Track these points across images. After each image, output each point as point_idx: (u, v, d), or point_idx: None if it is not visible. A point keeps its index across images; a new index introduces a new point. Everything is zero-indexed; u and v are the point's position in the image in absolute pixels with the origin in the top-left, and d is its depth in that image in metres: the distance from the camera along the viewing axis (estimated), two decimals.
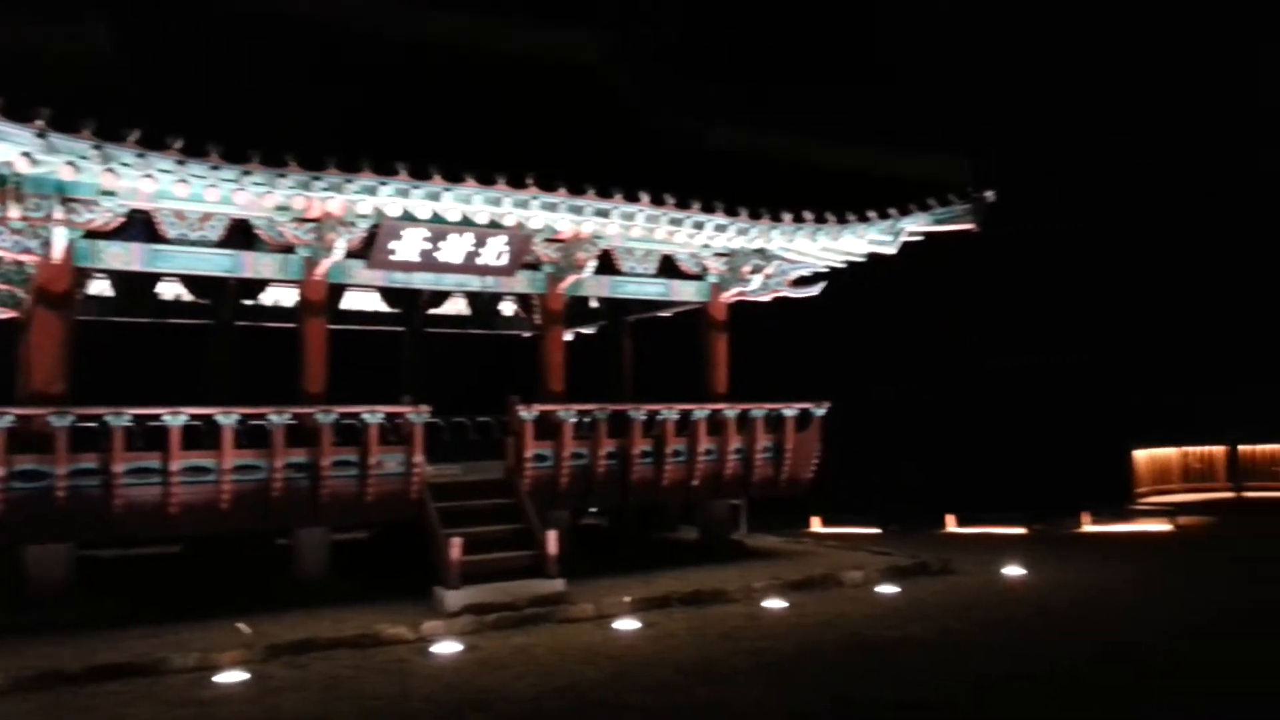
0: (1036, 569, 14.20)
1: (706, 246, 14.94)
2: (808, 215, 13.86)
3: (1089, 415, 28.79)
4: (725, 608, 11.82)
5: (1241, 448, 24.56)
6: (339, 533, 12.78)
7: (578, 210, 12.71)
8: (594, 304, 17.91)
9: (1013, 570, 14.06)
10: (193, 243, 11.91)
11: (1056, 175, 32.19)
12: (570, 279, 14.07)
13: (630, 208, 12.85)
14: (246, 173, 10.64)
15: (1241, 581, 13.42)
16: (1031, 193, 28.23)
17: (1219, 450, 24.88)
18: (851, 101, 29.61)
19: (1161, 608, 11.76)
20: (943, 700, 8.12)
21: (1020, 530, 18.84)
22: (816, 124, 17.00)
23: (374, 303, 17.98)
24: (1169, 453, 24.97)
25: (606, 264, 14.66)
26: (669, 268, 15.33)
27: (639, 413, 14.07)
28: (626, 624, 10.89)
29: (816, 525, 19.62)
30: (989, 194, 14.45)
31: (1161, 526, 19.21)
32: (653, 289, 15.26)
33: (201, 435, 11.85)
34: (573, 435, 13.63)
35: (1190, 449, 25.10)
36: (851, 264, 16.27)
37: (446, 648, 9.92)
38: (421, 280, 13.63)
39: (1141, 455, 24.21)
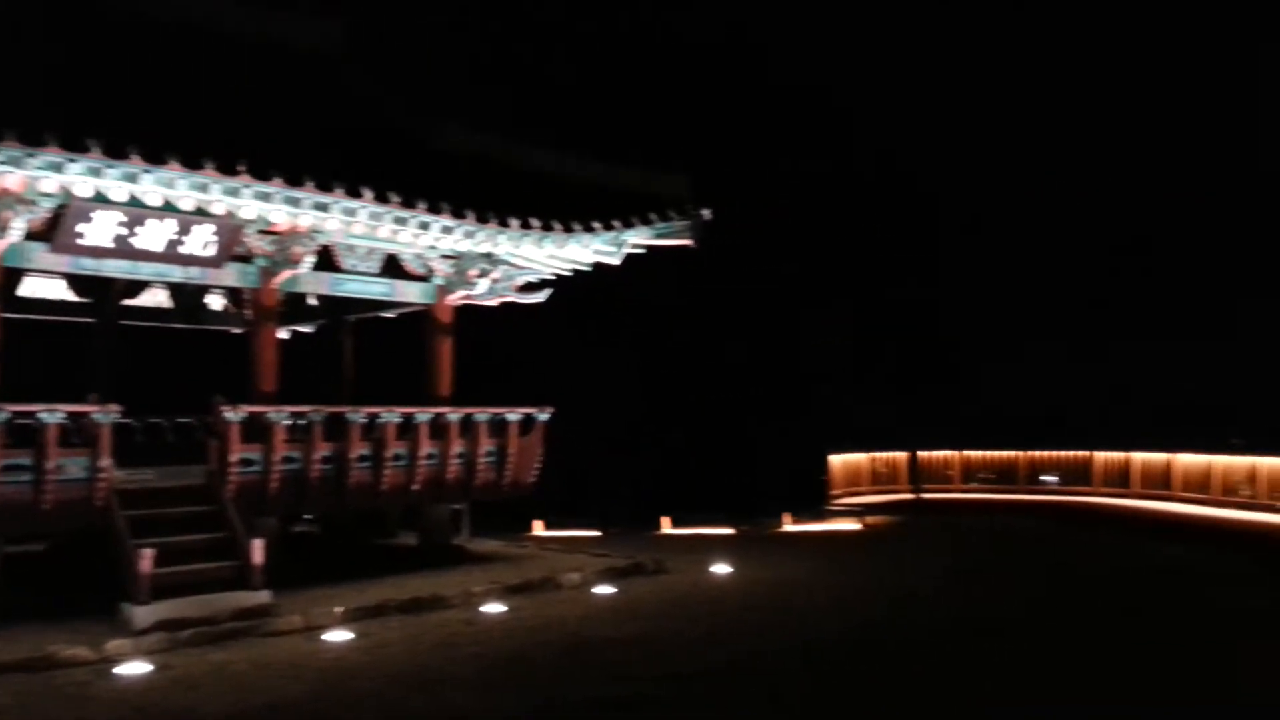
0: (742, 566, 15.04)
1: (433, 248, 14.71)
2: (535, 222, 13.97)
3: (790, 423, 30.83)
4: (443, 614, 11.65)
5: (921, 454, 27.22)
6: (12, 544, 11.46)
7: (295, 202, 12.12)
8: (313, 301, 17.14)
9: (720, 568, 14.81)
10: None
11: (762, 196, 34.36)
12: (286, 274, 13.39)
13: (352, 203, 12.41)
14: None
15: (914, 572, 14.88)
16: (745, 210, 30.04)
17: (902, 456, 27.46)
18: (584, 115, 30.27)
19: (847, 599, 12.81)
20: (655, 694, 8.41)
21: (729, 531, 19.88)
22: (550, 135, 17.23)
23: (60, 290, 16.32)
24: (860, 458, 27.26)
25: (326, 260, 14.08)
26: (394, 267, 14.95)
27: (358, 415, 13.61)
28: (338, 635, 10.48)
29: (539, 529, 19.78)
30: (706, 212, 15.16)
31: (852, 525, 20.89)
32: (376, 289, 14.82)
33: None
34: (285, 438, 12.97)
35: (878, 455, 27.55)
36: (578, 272, 16.56)
37: (134, 668, 9.13)
38: (115, 268, 12.49)
39: (836, 460, 26.26)
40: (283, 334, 15.90)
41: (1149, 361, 34.10)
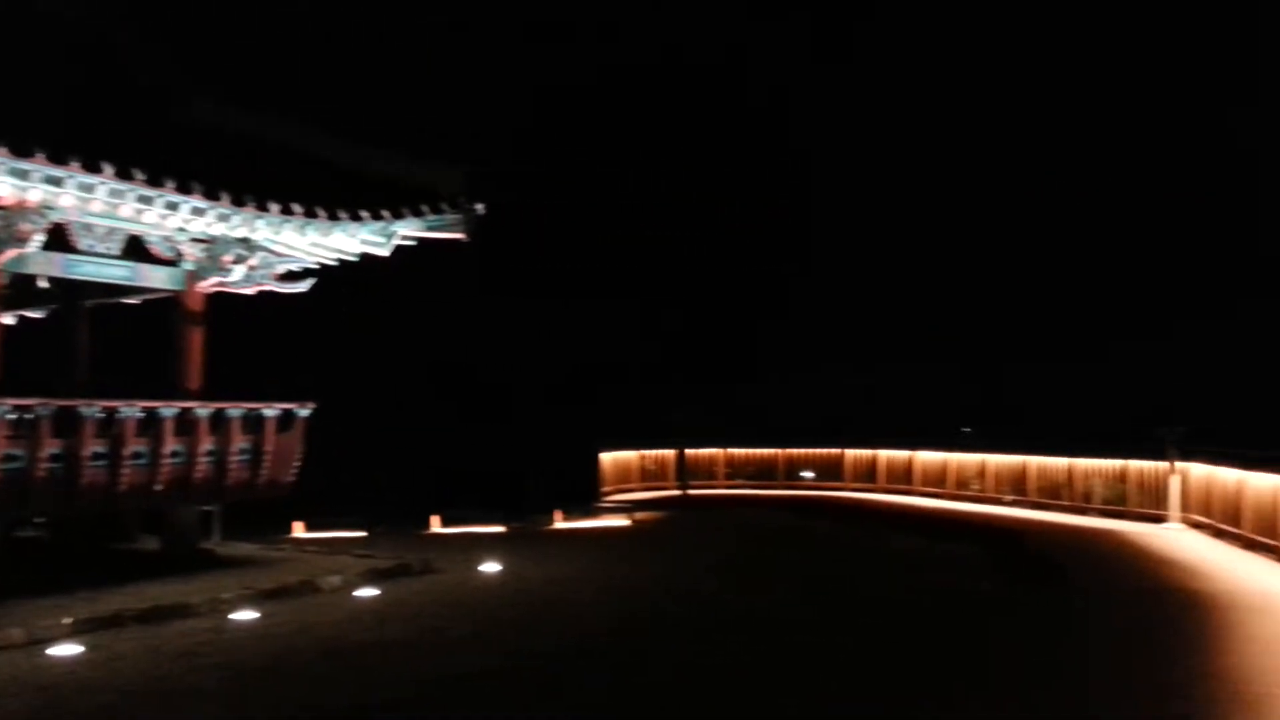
0: (512, 564, 14.92)
1: (182, 230, 13.70)
2: (297, 208, 13.30)
3: (562, 420, 31.01)
4: (188, 623, 10.86)
5: (688, 451, 28.00)
6: None
7: (22, 175, 10.97)
8: (43, 284, 15.57)
9: (490, 567, 14.64)
10: None
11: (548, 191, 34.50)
12: (11, 253, 12.08)
13: (90, 178, 11.37)
14: None
15: (680, 567, 15.28)
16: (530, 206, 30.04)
17: (670, 454, 28.16)
18: (358, 103, 29.22)
19: (615, 594, 12.98)
20: (416, 697, 8.17)
21: (500, 529, 19.70)
22: (320, 118, 16.41)
23: None
24: (630, 455, 27.73)
25: (60, 240, 12.83)
26: (138, 250, 13.82)
27: (93, 409, 12.49)
28: (66, 649, 9.56)
29: (299, 530, 18.87)
30: (479, 206, 14.92)
31: (622, 521, 21.20)
32: (116, 272, 13.64)
33: None
34: (7, 434, 11.72)
35: (647, 452, 28.13)
36: (345, 262, 15.90)
37: None
38: None
39: (607, 458, 26.60)
40: (7, 319, 14.40)
41: (904, 376, 37.71)
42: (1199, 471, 18.42)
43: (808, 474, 28.35)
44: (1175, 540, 17.28)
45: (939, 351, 38.16)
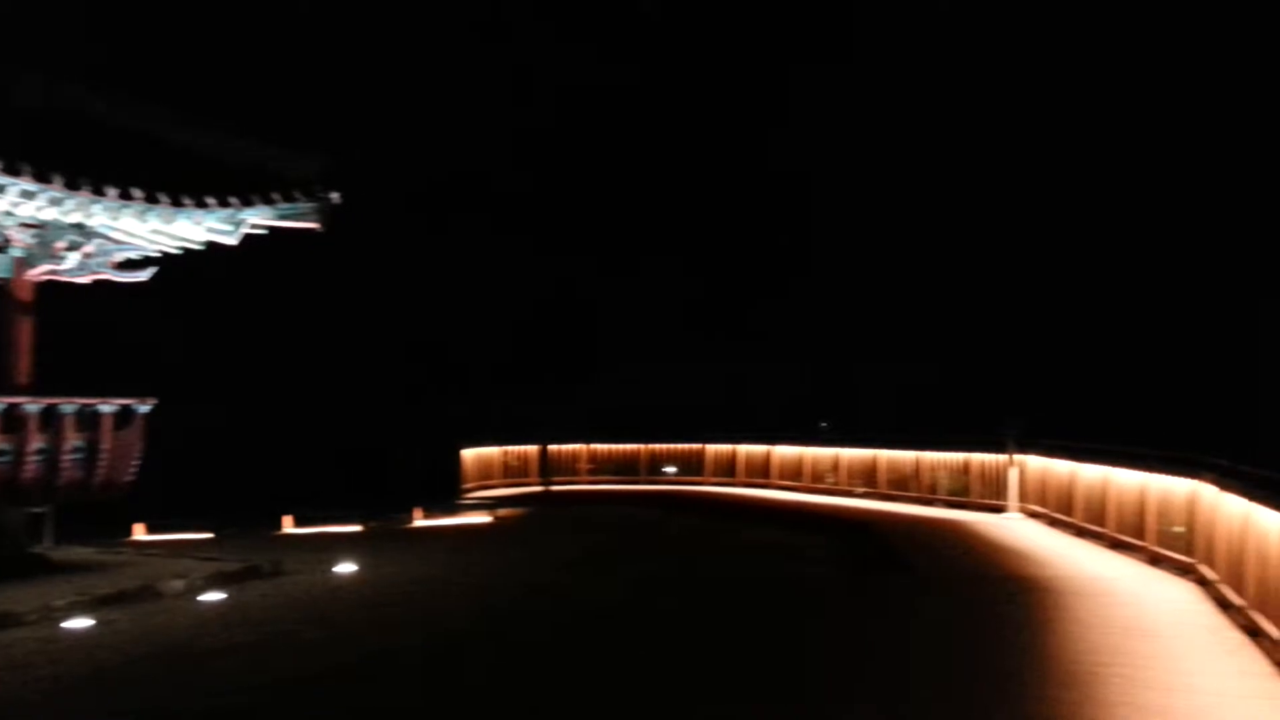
0: (369, 564, 14.58)
1: (9, 214, 12.83)
2: (137, 193, 12.60)
3: (424, 416, 30.54)
4: (15, 633, 10.20)
5: (551, 447, 27.95)
6: None
7: None
8: None
9: (346, 567, 14.26)
10: None
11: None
12: None
13: None
14: None
15: (539, 562, 15.25)
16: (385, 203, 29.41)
17: (533, 449, 28.05)
18: (212, 86, 28.03)
19: (475, 591, 12.85)
20: (263, 702, 7.89)
21: (357, 528, 19.22)
22: (169, 100, 15.62)
23: None
24: (492, 451, 27.49)
25: None
26: None
27: None
28: None
29: (141, 533, 17.98)
30: (335, 195, 14.46)
31: (484, 519, 20.99)
32: None
33: None
34: None
35: (510, 448, 27.95)
36: (189, 251, 15.21)
37: None
38: None
39: (469, 454, 26.30)
40: None
41: (762, 373, 39.10)
42: (1035, 464, 19.46)
43: (670, 469, 28.66)
44: (1013, 529, 18.21)
45: (796, 351, 39.55)
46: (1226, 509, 10.58)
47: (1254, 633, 9.22)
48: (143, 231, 14.05)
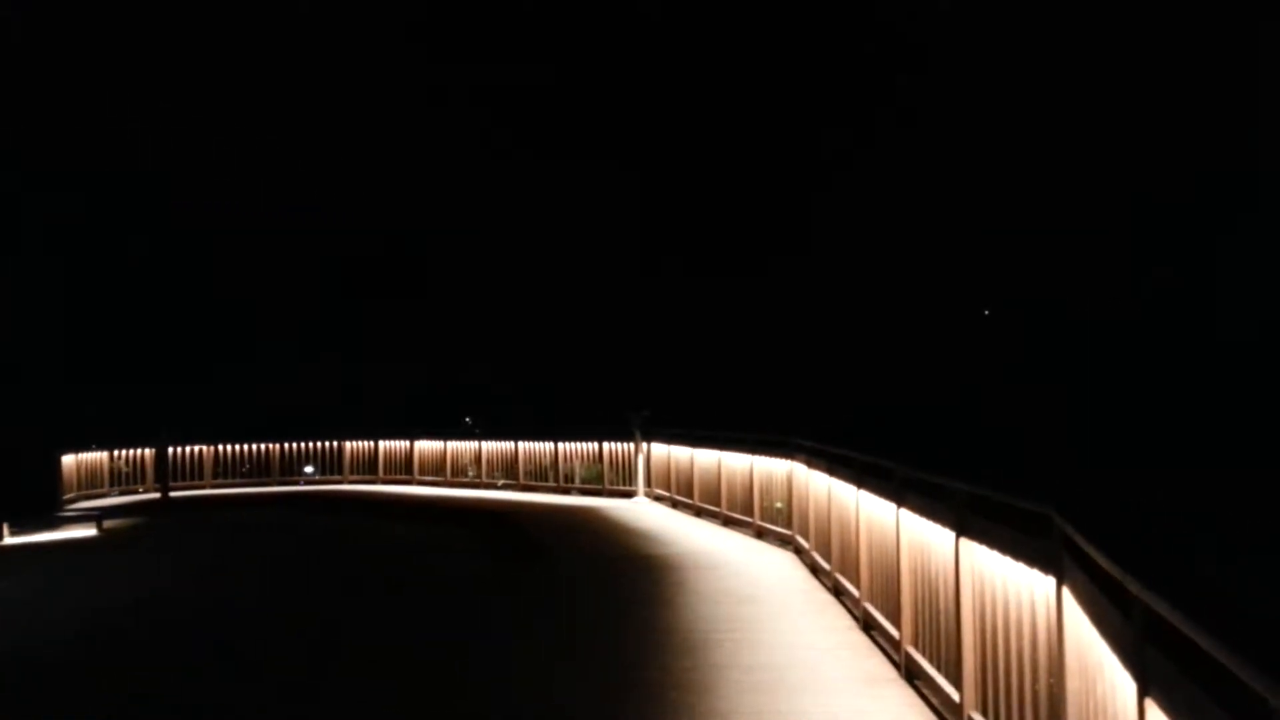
0: None
1: None
2: None
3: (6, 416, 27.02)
4: None
5: (173, 449, 25.80)
6: None
7: None
8: None
9: None
10: None
11: None
12: None
13: None
14: None
15: (155, 574, 14.24)
16: None
17: (149, 452, 25.74)
18: None
19: (76, 610, 11.66)
20: None
21: None
22: None
23: None
24: (99, 456, 24.93)
25: None
26: None
27: None
28: None
29: None
30: None
31: (89, 532, 19.00)
32: None
33: None
34: None
35: (120, 452, 25.48)
36: None
37: None
38: None
39: (70, 460, 23.67)
40: None
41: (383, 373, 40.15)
42: (659, 450, 20.85)
43: (309, 469, 27.51)
44: (642, 512, 19.41)
45: (414, 352, 40.92)
46: (815, 485, 12.00)
47: (839, 592, 10.54)
48: None
